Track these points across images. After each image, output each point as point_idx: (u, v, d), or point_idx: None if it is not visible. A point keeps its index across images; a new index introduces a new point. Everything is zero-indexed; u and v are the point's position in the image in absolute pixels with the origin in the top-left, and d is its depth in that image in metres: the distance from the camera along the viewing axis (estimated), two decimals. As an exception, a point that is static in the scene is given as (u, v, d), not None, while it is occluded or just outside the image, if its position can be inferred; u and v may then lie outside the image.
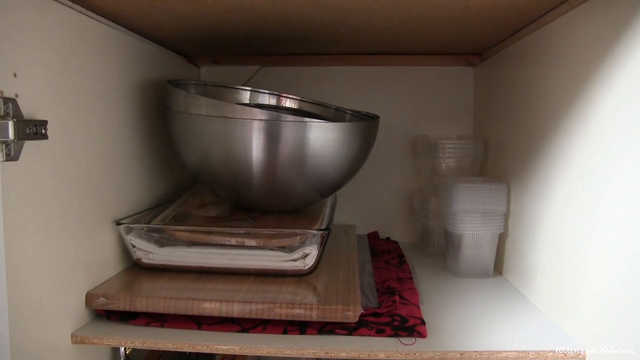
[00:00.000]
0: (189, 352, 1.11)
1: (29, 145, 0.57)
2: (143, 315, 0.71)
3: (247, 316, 0.68)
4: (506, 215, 0.92)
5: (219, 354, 1.10)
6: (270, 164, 0.78)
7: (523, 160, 0.85)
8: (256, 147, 0.76)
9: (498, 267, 0.96)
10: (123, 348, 0.76)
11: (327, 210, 0.91)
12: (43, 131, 0.59)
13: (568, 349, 0.64)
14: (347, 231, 1.07)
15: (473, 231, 0.91)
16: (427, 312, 0.75)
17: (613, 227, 0.59)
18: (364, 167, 0.98)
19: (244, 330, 0.68)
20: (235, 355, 1.09)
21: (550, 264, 0.75)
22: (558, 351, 0.64)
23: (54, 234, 0.64)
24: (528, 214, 0.83)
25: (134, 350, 0.83)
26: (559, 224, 0.72)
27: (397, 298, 0.76)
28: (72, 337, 0.67)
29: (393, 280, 0.84)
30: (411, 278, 0.87)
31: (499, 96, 0.99)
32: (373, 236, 1.14)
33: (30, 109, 0.58)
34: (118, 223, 0.77)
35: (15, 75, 0.55)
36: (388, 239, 1.15)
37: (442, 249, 1.04)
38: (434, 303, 0.79)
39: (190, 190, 1.04)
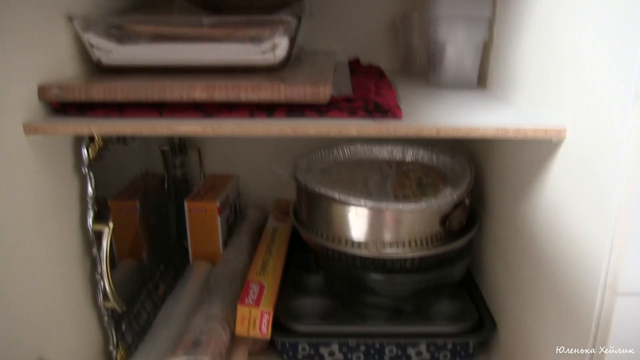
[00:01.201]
0: (168, 186, 1.09)
1: None
2: (101, 106, 0.66)
3: (210, 99, 0.63)
4: (491, 22, 0.86)
5: (193, 193, 1.07)
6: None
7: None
8: None
9: (482, 82, 0.91)
10: (86, 151, 0.72)
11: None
12: None
13: (549, 126, 0.61)
14: (326, 54, 1.01)
15: (456, 38, 0.85)
16: (404, 107, 0.70)
17: (599, 20, 0.54)
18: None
19: (208, 115, 0.64)
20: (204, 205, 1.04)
21: (535, 66, 0.71)
22: (538, 127, 0.61)
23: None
24: (514, 20, 0.78)
25: (103, 174, 0.79)
26: (545, 24, 0.67)
27: (372, 89, 0.71)
28: (24, 128, 0.63)
29: (371, 84, 0.79)
30: (390, 85, 0.82)
31: None
32: (354, 62, 1.08)
33: None
34: (72, 18, 0.71)
35: None
36: (370, 65, 1.10)
37: (425, 70, 0.99)
38: (412, 104, 0.75)
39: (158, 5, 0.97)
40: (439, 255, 0.84)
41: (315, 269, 0.97)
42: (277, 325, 0.84)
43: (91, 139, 0.73)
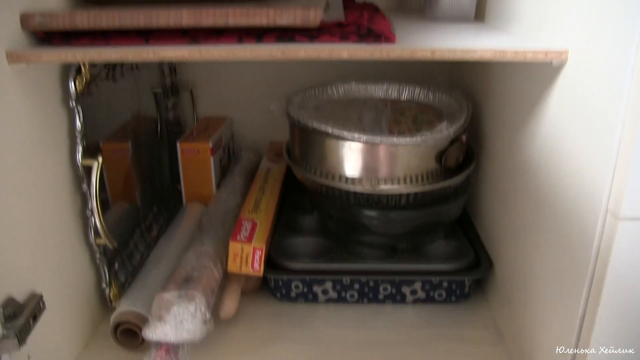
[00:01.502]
0: (160, 129, 1.07)
1: None
2: (86, 34, 0.64)
3: (197, 25, 0.61)
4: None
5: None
6: None
7: None
8: None
9: (480, 16, 0.89)
10: (73, 83, 0.71)
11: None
12: None
13: (549, 48, 0.59)
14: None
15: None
16: (399, 36, 0.68)
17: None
18: None
19: (196, 42, 0.62)
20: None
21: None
22: (539, 50, 0.59)
23: None
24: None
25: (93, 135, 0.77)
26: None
27: (366, 18, 0.69)
28: (7, 56, 0.60)
29: (364, 14, 0.77)
30: (384, 17, 0.80)
31: None
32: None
33: None
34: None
35: None
36: (364, 2, 1.07)
37: (422, 7, 0.97)
38: (406, 34, 0.72)
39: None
40: (435, 192, 0.83)
41: (310, 209, 0.96)
42: (271, 264, 0.84)
43: (78, 71, 0.71)
